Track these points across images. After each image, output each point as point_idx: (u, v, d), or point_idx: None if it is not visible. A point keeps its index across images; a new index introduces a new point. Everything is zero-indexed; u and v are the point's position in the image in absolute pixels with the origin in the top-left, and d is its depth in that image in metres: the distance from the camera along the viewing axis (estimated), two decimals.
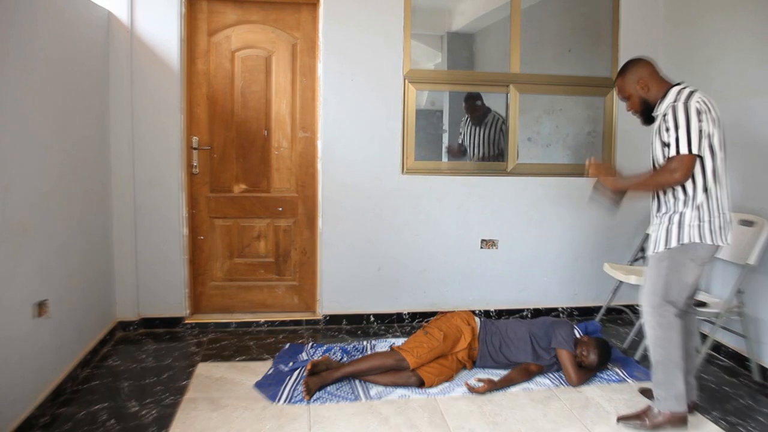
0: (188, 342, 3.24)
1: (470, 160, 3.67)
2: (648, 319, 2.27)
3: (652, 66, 2.33)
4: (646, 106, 2.33)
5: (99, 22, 3.06)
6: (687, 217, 2.20)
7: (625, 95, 2.38)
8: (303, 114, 3.52)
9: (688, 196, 2.20)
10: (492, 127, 3.66)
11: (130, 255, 3.29)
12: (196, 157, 3.45)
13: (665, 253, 2.23)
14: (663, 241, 2.24)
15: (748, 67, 2.96)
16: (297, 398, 2.53)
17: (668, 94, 2.24)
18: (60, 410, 2.40)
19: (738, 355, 2.99)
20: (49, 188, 2.46)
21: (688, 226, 2.19)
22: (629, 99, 2.36)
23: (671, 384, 2.22)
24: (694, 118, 2.10)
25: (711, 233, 2.18)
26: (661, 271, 2.23)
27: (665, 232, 2.24)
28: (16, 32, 2.17)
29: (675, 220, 2.22)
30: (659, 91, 2.28)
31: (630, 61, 2.39)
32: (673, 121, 2.12)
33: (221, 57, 3.42)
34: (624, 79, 2.36)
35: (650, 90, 2.29)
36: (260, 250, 3.59)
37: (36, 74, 2.33)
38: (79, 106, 2.80)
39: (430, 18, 3.60)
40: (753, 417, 2.46)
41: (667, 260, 2.23)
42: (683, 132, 2.10)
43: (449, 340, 2.75)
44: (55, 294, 2.49)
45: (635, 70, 2.33)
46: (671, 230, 2.22)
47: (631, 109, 2.39)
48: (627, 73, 2.35)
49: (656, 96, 2.29)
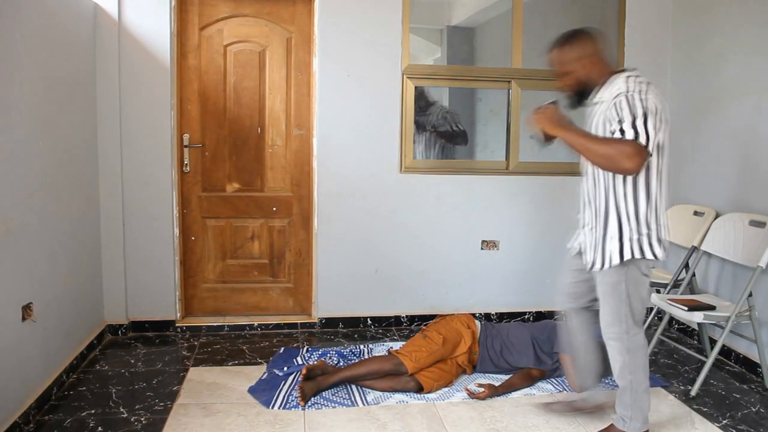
0: (179, 346, 3.19)
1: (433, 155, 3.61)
2: (615, 347, 2.11)
3: (601, 44, 2.05)
4: (583, 88, 2.05)
5: (85, 16, 3.00)
6: (627, 229, 1.99)
7: (563, 70, 2.06)
8: (298, 110, 3.46)
9: (629, 202, 1.98)
10: (436, 116, 3.58)
11: (119, 256, 3.24)
12: (188, 155, 3.38)
13: (618, 275, 2.03)
14: (608, 257, 2.02)
15: (761, 62, 2.90)
16: (292, 404, 2.50)
17: (616, 79, 1.97)
18: (46, 417, 2.36)
19: (748, 361, 2.93)
20: (34, 188, 2.41)
21: (629, 240, 1.99)
22: (565, 76, 2.06)
23: (639, 407, 2.12)
24: (649, 112, 1.87)
25: (650, 246, 1.99)
26: (622, 296, 2.05)
27: (608, 247, 2.02)
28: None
29: (614, 233, 2.01)
30: (601, 74, 2.01)
31: (577, 32, 2.06)
32: (630, 111, 1.87)
33: (213, 51, 3.36)
34: (565, 53, 2.05)
35: (591, 71, 2.01)
36: (254, 251, 3.54)
37: (19, 69, 2.27)
38: (65, 102, 2.74)
39: (429, 11, 3.55)
40: (764, 425, 2.40)
41: (624, 283, 2.03)
42: (641, 124, 1.85)
43: (449, 344, 2.71)
44: (41, 297, 2.44)
45: (582, 45, 2.02)
46: (612, 244, 2.01)
47: (564, 88, 2.10)
48: (572, 46, 2.04)
49: (597, 79, 2.02)
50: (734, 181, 3.08)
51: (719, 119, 3.20)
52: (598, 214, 2.07)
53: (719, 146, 3.20)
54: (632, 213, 1.99)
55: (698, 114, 3.38)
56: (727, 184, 3.13)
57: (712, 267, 3.16)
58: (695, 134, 3.41)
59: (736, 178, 3.07)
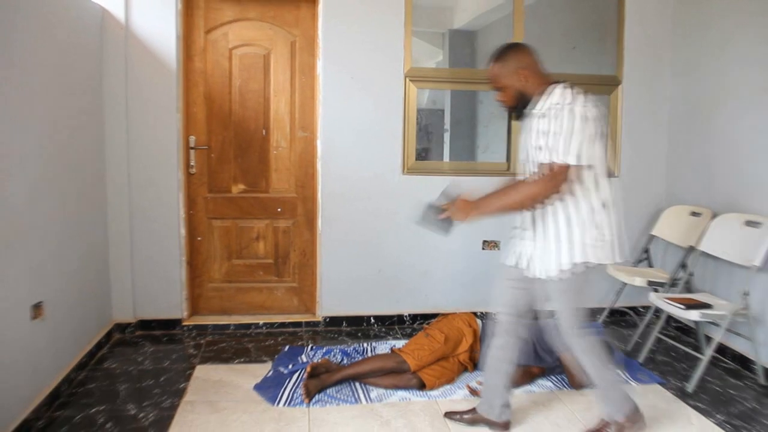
0: (186, 344, 3.22)
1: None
2: (578, 348, 2.14)
3: (535, 56, 2.08)
4: (521, 100, 2.07)
5: (93, 19, 3.03)
6: (575, 233, 1.99)
7: (500, 85, 2.09)
8: (302, 113, 3.49)
9: (576, 207, 2.00)
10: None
11: (126, 256, 3.27)
12: (194, 157, 3.41)
13: (568, 279, 2.03)
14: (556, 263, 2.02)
15: (758, 66, 2.93)
16: (297, 401, 2.52)
17: (553, 91, 2.00)
18: (57, 413, 2.38)
19: (743, 358, 2.96)
20: (43, 189, 2.43)
21: (578, 243, 1.99)
22: (503, 90, 2.08)
23: (616, 392, 2.16)
24: (580, 123, 1.89)
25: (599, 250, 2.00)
26: (570, 303, 2.09)
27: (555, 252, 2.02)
28: (5, 30, 2.13)
29: (563, 237, 2.01)
30: (538, 86, 2.03)
31: (510, 47, 2.11)
32: (557, 124, 1.90)
33: (218, 55, 3.39)
34: (501, 67, 2.06)
35: (528, 83, 2.03)
36: (259, 252, 3.56)
37: (28, 73, 2.30)
38: (73, 105, 2.77)
39: (432, 15, 3.58)
40: (758, 420, 2.43)
41: (572, 292, 2.06)
42: (565, 138, 1.88)
43: (450, 342, 2.73)
44: (51, 296, 2.46)
45: (517, 58, 2.05)
46: (561, 249, 2.01)
47: (503, 102, 2.12)
48: (507, 60, 2.06)
49: (534, 90, 2.04)
50: (731, 183, 3.11)
51: (717, 121, 3.22)
52: (544, 220, 2.06)
53: (717, 148, 3.23)
54: (580, 217, 2.00)
55: (696, 116, 3.41)
56: (724, 186, 3.16)
57: (709, 266, 3.19)
58: (693, 136, 3.44)
59: (732, 180, 3.10)
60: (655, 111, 3.68)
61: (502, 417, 2.29)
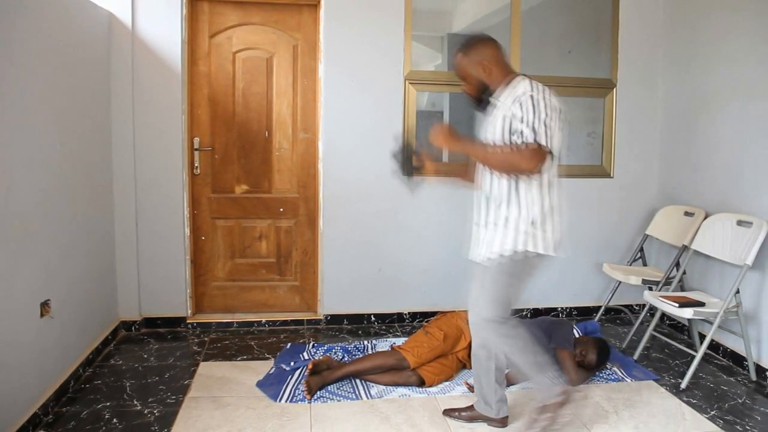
0: (190, 341, 3.26)
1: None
2: (493, 332, 2.12)
3: (499, 49, 2.12)
4: (483, 91, 2.11)
5: (100, 25, 3.07)
6: (522, 221, 2.03)
7: (463, 75, 2.13)
8: (304, 115, 3.54)
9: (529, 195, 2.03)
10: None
11: (132, 255, 3.31)
12: (198, 158, 3.46)
13: (507, 264, 2.05)
14: (499, 246, 2.05)
15: (748, 68, 2.97)
16: (298, 397, 2.55)
17: (518, 83, 2.03)
18: (64, 409, 2.42)
19: (735, 355, 3.01)
20: (51, 189, 2.47)
21: (524, 232, 2.02)
22: (466, 80, 2.13)
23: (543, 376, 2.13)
24: (553, 113, 1.94)
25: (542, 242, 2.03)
26: (499, 289, 2.09)
27: (502, 236, 2.05)
28: (16, 34, 2.17)
29: (511, 223, 2.04)
30: (501, 78, 2.07)
31: (475, 39, 2.14)
32: (532, 110, 1.92)
33: (222, 58, 3.44)
34: (465, 58, 2.11)
35: (491, 74, 2.07)
36: (262, 251, 3.61)
37: (37, 76, 2.34)
38: (80, 107, 2.81)
39: (431, 19, 3.61)
40: (750, 416, 2.48)
41: (510, 272, 2.06)
42: (540, 124, 1.91)
43: (450, 339, 2.76)
44: (58, 294, 2.50)
45: (480, 51, 2.09)
46: (507, 234, 2.04)
47: (467, 92, 2.17)
48: (470, 52, 2.10)
49: (497, 82, 2.08)
50: (723, 183, 3.15)
51: (709, 123, 3.26)
52: (498, 207, 2.09)
53: (709, 149, 3.27)
54: (530, 206, 2.03)
55: (689, 117, 3.45)
56: (717, 186, 3.20)
57: (702, 265, 3.23)
58: (686, 137, 3.48)
59: (724, 180, 3.14)
60: (649, 113, 3.73)
61: (499, 413, 2.32)
